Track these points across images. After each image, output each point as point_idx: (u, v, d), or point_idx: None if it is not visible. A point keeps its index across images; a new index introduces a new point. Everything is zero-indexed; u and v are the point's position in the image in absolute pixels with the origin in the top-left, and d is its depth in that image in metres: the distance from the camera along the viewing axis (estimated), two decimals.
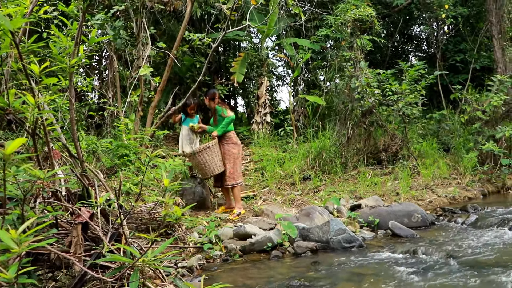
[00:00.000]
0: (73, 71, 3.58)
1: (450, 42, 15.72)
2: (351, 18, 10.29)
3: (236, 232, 5.67)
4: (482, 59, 14.61)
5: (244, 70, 11.43)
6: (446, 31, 16.00)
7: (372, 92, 9.42)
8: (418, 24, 17.55)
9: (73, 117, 3.87)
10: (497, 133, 9.71)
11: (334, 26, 10.68)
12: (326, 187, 8.54)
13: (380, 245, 5.55)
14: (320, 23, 12.50)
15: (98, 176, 4.33)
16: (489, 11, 12.18)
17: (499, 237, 5.40)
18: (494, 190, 9.62)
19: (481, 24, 15.23)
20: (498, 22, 12.08)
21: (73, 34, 3.86)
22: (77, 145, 3.95)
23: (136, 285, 2.37)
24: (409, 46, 19.15)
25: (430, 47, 17.34)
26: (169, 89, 11.03)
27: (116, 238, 3.62)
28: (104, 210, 3.90)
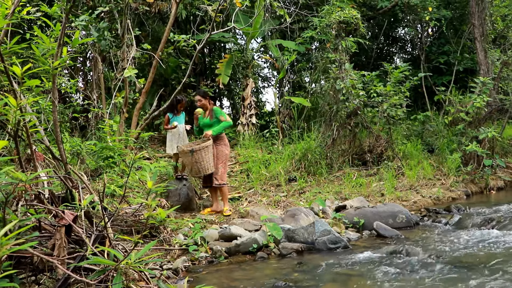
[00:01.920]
0: (57, 73, 3.55)
1: (434, 44, 15.89)
2: (336, 20, 10.34)
3: (222, 233, 5.66)
4: (465, 61, 14.80)
5: (230, 71, 11.43)
6: (430, 33, 16.18)
7: (357, 93, 9.48)
8: (403, 26, 17.72)
9: (56, 119, 3.83)
10: (480, 134, 9.83)
11: (319, 28, 10.73)
12: (312, 188, 8.56)
13: (365, 246, 5.58)
14: (305, 25, 12.56)
15: (82, 178, 4.29)
16: (472, 14, 12.33)
17: (482, 237, 5.46)
18: (477, 190, 9.74)
19: (464, 27, 15.43)
20: (480, 25, 12.23)
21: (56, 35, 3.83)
22: (61, 147, 3.91)
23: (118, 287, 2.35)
24: (393, 48, 19.32)
25: (414, 49, 17.52)
26: (154, 91, 10.98)
27: (100, 240, 3.59)
28: (88, 212, 3.87)
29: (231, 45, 14.13)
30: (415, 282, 3.88)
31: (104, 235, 3.59)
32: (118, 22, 8.88)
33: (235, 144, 10.89)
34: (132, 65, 8.98)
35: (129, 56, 8.61)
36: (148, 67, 10.43)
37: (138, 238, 2.35)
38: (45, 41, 3.46)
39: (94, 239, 3.53)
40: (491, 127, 10.08)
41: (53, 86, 3.72)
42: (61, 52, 3.52)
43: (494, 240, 5.30)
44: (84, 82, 11.60)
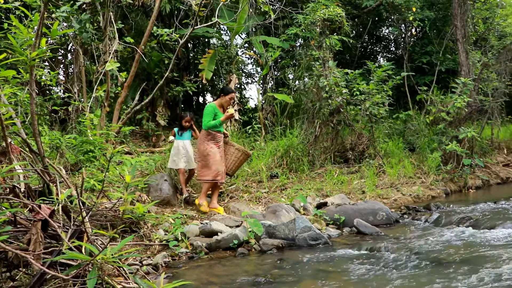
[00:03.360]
0: (34, 64, 3.48)
1: (417, 44, 16.02)
2: (321, 17, 10.35)
3: (202, 229, 5.63)
4: (447, 62, 14.95)
5: (213, 67, 11.36)
6: (414, 33, 16.31)
7: (340, 91, 9.51)
8: (387, 25, 17.82)
9: (33, 111, 3.76)
10: (460, 134, 9.95)
11: (303, 25, 10.74)
12: (293, 185, 8.57)
13: (345, 243, 5.61)
14: (290, 22, 12.54)
15: (60, 172, 4.23)
16: (455, 15, 12.45)
17: (459, 235, 5.54)
18: (456, 189, 9.88)
19: (447, 28, 15.58)
20: (462, 26, 12.35)
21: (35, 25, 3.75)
22: (38, 140, 3.84)
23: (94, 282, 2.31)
24: (377, 47, 19.44)
25: (398, 49, 17.64)
26: (136, 85, 10.87)
27: (78, 235, 3.54)
28: (66, 207, 3.81)
29: (215, 40, 14.05)
30: (393, 279, 3.90)
31: (82, 230, 3.54)
32: (101, 15, 8.75)
33: None
34: (114, 58, 8.87)
35: (111, 49, 8.50)
36: (130, 60, 10.31)
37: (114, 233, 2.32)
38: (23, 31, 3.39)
39: (72, 234, 3.48)
40: (470, 127, 10.22)
41: (31, 78, 3.65)
42: (39, 43, 3.45)
43: (470, 237, 5.39)
44: (65, 75, 11.42)
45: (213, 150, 6.79)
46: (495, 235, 5.43)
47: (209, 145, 6.81)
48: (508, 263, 4.10)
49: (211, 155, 6.75)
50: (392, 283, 3.79)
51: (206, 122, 6.76)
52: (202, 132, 6.93)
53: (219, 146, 6.93)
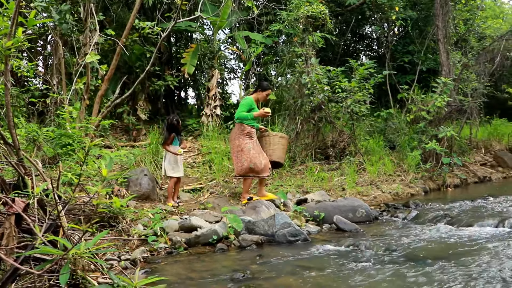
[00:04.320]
0: (9, 54, 3.39)
1: (399, 43, 16.16)
2: (304, 14, 10.35)
3: (182, 224, 5.60)
4: (428, 61, 15.11)
5: (195, 61, 11.28)
6: (396, 32, 16.43)
7: (321, 88, 9.52)
8: (370, 24, 17.95)
9: (8, 102, 3.67)
10: (439, 133, 10.07)
11: (287, 22, 10.72)
12: (274, 181, 8.57)
13: (325, 239, 5.62)
14: (273, 18, 12.52)
15: (36, 165, 4.14)
16: (436, 16, 12.56)
17: (437, 232, 5.60)
18: (435, 187, 10.00)
19: (428, 28, 15.74)
20: (444, 27, 12.48)
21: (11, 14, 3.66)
22: (13, 132, 3.75)
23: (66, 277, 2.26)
24: (360, 45, 19.56)
25: (380, 47, 17.77)
26: (117, 78, 10.73)
27: (54, 230, 3.47)
28: (42, 200, 3.73)
29: (198, 35, 13.96)
30: (371, 275, 3.92)
31: (58, 225, 3.46)
32: (81, 6, 8.61)
33: (199, 135, 10.80)
34: (95, 50, 8.73)
35: (92, 42, 8.36)
36: (111, 53, 10.17)
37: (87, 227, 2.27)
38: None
39: (47, 228, 3.40)
40: (450, 127, 10.34)
41: (6, 68, 3.55)
42: (15, 32, 3.36)
43: (447, 235, 5.46)
44: (44, 67, 11.21)
45: (248, 145, 6.67)
46: (471, 232, 5.51)
47: (245, 140, 6.69)
48: (483, 259, 4.16)
49: (245, 151, 6.61)
50: (370, 280, 3.81)
51: (240, 112, 6.67)
52: (237, 126, 6.78)
53: (253, 141, 6.80)
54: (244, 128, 6.68)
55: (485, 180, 11.55)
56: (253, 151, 6.65)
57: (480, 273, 3.80)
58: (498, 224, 5.77)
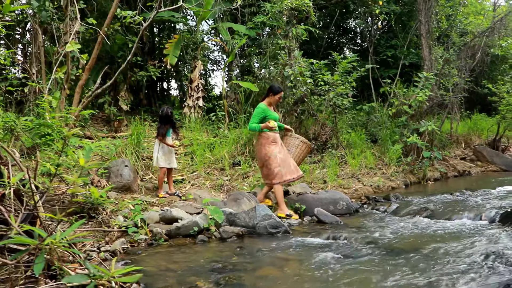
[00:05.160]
0: None
1: (383, 37, 16.25)
2: (288, 6, 10.33)
3: (162, 216, 5.56)
4: (411, 56, 15.23)
5: (178, 52, 11.17)
6: (379, 26, 16.51)
7: (304, 81, 9.52)
8: (354, 18, 18.00)
9: None
10: (421, 127, 10.15)
11: (270, 14, 10.68)
12: (256, 173, 8.55)
13: (305, 231, 5.63)
14: (257, 9, 12.46)
15: (13, 155, 4.05)
16: (419, 11, 12.66)
17: (416, 225, 5.66)
18: (416, 180, 10.11)
19: (411, 23, 15.86)
20: (426, 22, 12.58)
21: None
22: None
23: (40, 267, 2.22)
24: (344, 39, 19.62)
25: (364, 41, 17.85)
26: (99, 68, 10.58)
27: (32, 220, 3.40)
28: (18, 190, 3.65)
29: (181, 25, 13.84)
30: (351, 267, 3.93)
31: (35, 215, 3.40)
32: None
33: (181, 127, 10.72)
34: (76, 39, 8.58)
35: (73, 30, 8.21)
36: (93, 43, 10.00)
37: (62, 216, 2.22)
38: None
39: (24, 218, 3.34)
40: (431, 121, 10.44)
41: None
42: None
43: (425, 227, 5.52)
44: (22, 55, 10.99)
45: (274, 152, 6.40)
46: (449, 225, 5.58)
47: (271, 147, 6.42)
48: (460, 251, 4.21)
49: (272, 157, 6.37)
50: (349, 271, 3.82)
51: (251, 122, 6.43)
52: (260, 136, 6.50)
53: (279, 145, 6.55)
54: (268, 137, 6.42)
55: (465, 174, 11.70)
56: (280, 155, 6.42)
57: (458, 263, 3.84)
58: (475, 216, 5.86)
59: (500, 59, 17.69)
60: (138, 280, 2.77)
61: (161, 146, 7.03)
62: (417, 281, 3.46)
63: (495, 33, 14.87)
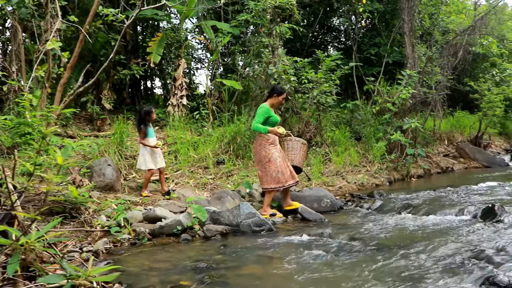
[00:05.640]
0: None
1: (366, 35, 16.31)
2: (272, 4, 10.29)
3: (146, 215, 5.51)
4: (394, 54, 15.31)
5: (162, 50, 11.07)
6: (363, 25, 16.57)
7: (288, 79, 9.51)
8: (338, 16, 18.04)
9: None
10: (404, 125, 10.22)
11: (254, 12, 10.64)
12: (240, 171, 8.54)
13: (289, 229, 5.63)
14: (241, 7, 12.41)
15: None
16: (402, 9, 12.73)
17: (400, 221, 5.71)
18: (400, 177, 10.18)
19: (395, 21, 15.94)
20: (409, 20, 12.65)
21: None
22: None
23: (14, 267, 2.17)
24: (328, 37, 19.65)
25: (348, 40, 17.90)
26: (81, 66, 10.44)
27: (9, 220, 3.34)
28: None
29: (165, 24, 13.73)
30: (334, 264, 3.94)
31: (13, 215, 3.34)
32: None
33: (165, 125, 10.64)
34: (57, 37, 8.45)
35: (53, 28, 8.08)
36: (75, 41, 9.85)
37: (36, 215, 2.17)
38: None
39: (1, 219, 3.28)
40: (414, 118, 10.53)
41: None
42: None
43: (409, 223, 5.57)
44: (2, 53, 10.79)
45: (274, 155, 6.30)
46: (432, 221, 5.63)
47: (271, 150, 6.31)
48: (443, 247, 4.25)
49: (272, 161, 6.26)
50: (333, 268, 3.82)
51: (256, 122, 6.26)
52: (260, 136, 6.34)
53: (278, 148, 6.44)
54: (268, 138, 6.31)
55: (448, 171, 11.82)
56: (279, 160, 6.33)
57: (440, 258, 3.88)
58: (458, 212, 5.92)
59: (481, 57, 17.89)
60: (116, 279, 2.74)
61: (142, 148, 6.95)
62: (400, 277, 3.48)
63: (476, 32, 15.04)
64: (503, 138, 19.18)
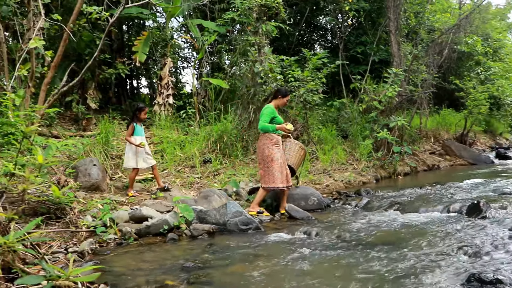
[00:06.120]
0: None
1: (353, 34, 16.37)
2: (258, 3, 10.28)
3: (132, 215, 5.46)
4: (380, 52, 15.38)
5: (147, 49, 11.00)
6: (349, 23, 16.62)
7: (274, 77, 9.50)
8: (324, 15, 18.08)
9: None
10: (390, 122, 10.27)
11: (240, 10, 10.61)
12: (226, 170, 8.51)
13: (276, 227, 5.62)
14: (227, 6, 12.37)
15: None
16: (388, 8, 12.79)
17: (386, 219, 5.71)
18: (386, 175, 10.22)
19: (381, 20, 16.01)
20: (395, 19, 12.72)
21: None
22: None
23: None
24: (314, 35, 19.69)
25: (334, 38, 17.94)
26: (66, 66, 10.31)
27: None
28: None
29: (151, 22, 13.64)
30: (321, 262, 3.93)
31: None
32: None
33: (151, 125, 10.57)
34: (40, 36, 8.33)
35: (36, 26, 7.97)
36: (59, 39, 9.73)
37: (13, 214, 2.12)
38: None
39: None
40: (401, 116, 10.57)
41: None
42: None
43: (396, 221, 5.56)
44: None
45: (277, 155, 6.32)
46: (417, 218, 5.64)
47: (274, 150, 6.32)
48: (429, 243, 4.26)
49: (275, 160, 6.27)
50: (321, 266, 3.81)
51: (263, 122, 6.28)
52: (264, 136, 6.36)
53: (281, 149, 6.46)
54: (272, 138, 6.32)
55: (434, 168, 11.90)
56: (281, 160, 6.35)
57: (427, 255, 3.89)
58: (444, 209, 5.94)
59: (466, 55, 18.06)
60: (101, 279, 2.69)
61: (129, 145, 6.89)
62: (387, 274, 3.48)
63: (461, 30, 15.14)
64: (488, 136, 19.41)
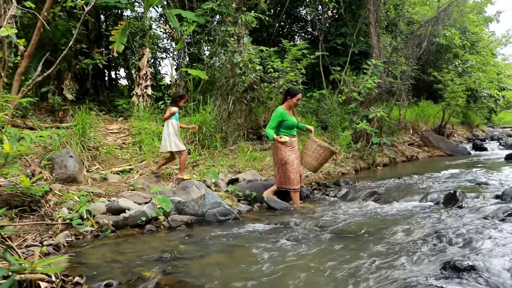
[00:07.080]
0: None
1: (333, 25, 16.39)
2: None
3: (109, 207, 5.40)
4: (360, 44, 15.44)
5: (125, 39, 10.81)
6: (330, 15, 16.63)
7: (253, 68, 9.44)
8: (304, 6, 18.04)
9: None
10: (370, 114, 10.32)
11: (219, 0, 10.51)
12: (205, 161, 8.45)
13: (255, 218, 5.61)
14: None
15: None
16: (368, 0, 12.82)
17: (364, 209, 5.75)
18: (365, 166, 10.29)
19: (361, 11, 16.05)
20: (375, 11, 12.76)
21: None
22: None
23: None
24: (294, 27, 19.65)
25: (314, 29, 17.94)
26: (41, 55, 10.09)
27: None
28: None
29: (129, 12, 13.44)
30: (299, 252, 3.92)
31: None
32: None
33: (129, 116, 10.43)
34: (12, 24, 8.12)
35: (8, 14, 7.76)
36: (33, 28, 9.51)
37: None
38: None
39: None
40: (380, 108, 10.63)
41: None
42: None
43: (373, 211, 5.61)
44: None
45: (291, 157, 6.29)
46: (395, 208, 5.69)
47: (287, 152, 6.28)
48: (407, 232, 4.29)
49: (290, 163, 6.24)
50: (299, 256, 3.81)
51: (268, 127, 6.25)
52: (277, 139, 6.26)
53: (295, 151, 6.44)
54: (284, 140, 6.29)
55: (413, 159, 12.03)
56: (296, 161, 6.37)
57: (404, 244, 3.91)
58: (421, 199, 6.01)
59: (444, 48, 18.26)
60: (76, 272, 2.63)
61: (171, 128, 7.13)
62: (365, 263, 3.48)
63: (439, 23, 15.28)
64: (465, 127, 19.69)
